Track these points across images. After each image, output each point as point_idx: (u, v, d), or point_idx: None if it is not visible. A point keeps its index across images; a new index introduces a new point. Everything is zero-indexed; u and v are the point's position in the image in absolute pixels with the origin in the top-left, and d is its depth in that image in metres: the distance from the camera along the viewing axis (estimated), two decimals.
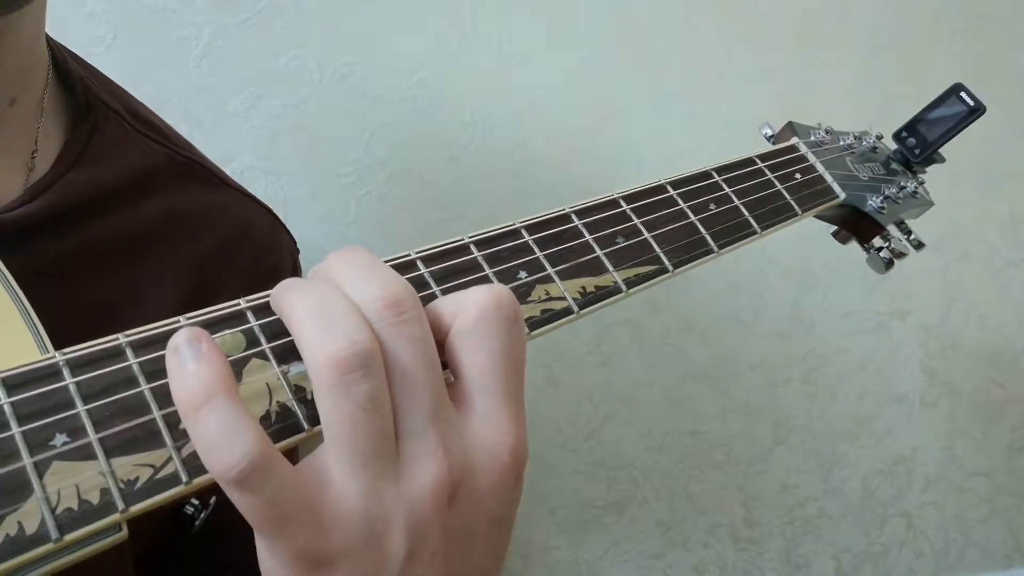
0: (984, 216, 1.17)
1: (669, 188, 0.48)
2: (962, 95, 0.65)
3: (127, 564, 0.47)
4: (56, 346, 0.30)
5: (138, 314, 0.37)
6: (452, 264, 0.38)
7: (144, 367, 0.30)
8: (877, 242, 0.64)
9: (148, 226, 0.50)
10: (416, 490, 0.30)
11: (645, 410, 1.11)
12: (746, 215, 0.50)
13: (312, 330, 0.29)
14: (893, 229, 0.63)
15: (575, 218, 0.43)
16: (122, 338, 0.30)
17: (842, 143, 0.64)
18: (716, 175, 0.51)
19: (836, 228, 0.66)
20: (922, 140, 0.66)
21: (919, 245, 0.64)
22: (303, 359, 0.30)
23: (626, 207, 0.45)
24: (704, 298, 1.09)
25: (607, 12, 0.98)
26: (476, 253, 0.39)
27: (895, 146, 0.68)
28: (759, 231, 0.50)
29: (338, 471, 0.29)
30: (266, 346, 0.32)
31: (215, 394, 0.27)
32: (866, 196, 0.60)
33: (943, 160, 0.67)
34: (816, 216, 0.59)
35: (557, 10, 0.96)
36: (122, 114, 0.52)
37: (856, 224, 0.62)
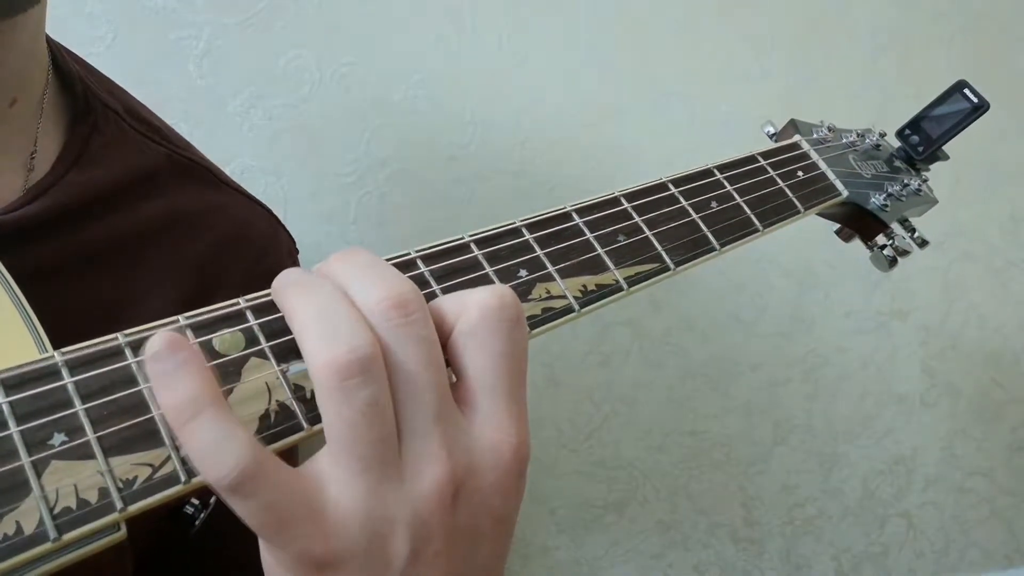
0: (985, 216, 1.17)
1: (670, 186, 0.47)
2: (966, 92, 0.65)
3: (127, 564, 0.47)
4: (55, 346, 0.30)
5: (137, 314, 0.37)
6: (452, 263, 0.38)
7: (143, 367, 0.30)
8: (880, 240, 0.63)
9: (147, 226, 0.50)
10: (420, 490, 0.30)
11: (645, 410, 1.11)
12: (748, 213, 0.50)
13: (313, 335, 0.29)
14: (896, 227, 0.63)
15: (576, 216, 0.43)
16: (121, 338, 0.30)
17: (845, 141, 0.63)
18: (718, 173, 0.50)
19: (839, 226, 0.65)
20: (926, 137, 0.65)
21: (923, 243, 0.64)
22: (305, 363, 0.30)
23: (627, 205, 0.45)
24: (705, 297, 1.09)
25: (607, 12, 0.98)
26: (476, 252, 0.38)
27: (898, 143, 0.68)
28: (761, 229, 0.50)
29: (339, 473, 0.29)
30: (265, 345, 0.32)
31: (201, 408, 0.27)
32: (869, 194, 0.60)
33: (947, 157, 0.67)
34: (819, 214, 0.58)
35: (557, 10, 0.96)
36: (121, 114, 0.52)
37: (859, 222, 0.62)
